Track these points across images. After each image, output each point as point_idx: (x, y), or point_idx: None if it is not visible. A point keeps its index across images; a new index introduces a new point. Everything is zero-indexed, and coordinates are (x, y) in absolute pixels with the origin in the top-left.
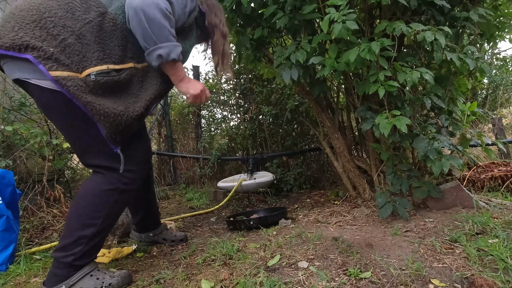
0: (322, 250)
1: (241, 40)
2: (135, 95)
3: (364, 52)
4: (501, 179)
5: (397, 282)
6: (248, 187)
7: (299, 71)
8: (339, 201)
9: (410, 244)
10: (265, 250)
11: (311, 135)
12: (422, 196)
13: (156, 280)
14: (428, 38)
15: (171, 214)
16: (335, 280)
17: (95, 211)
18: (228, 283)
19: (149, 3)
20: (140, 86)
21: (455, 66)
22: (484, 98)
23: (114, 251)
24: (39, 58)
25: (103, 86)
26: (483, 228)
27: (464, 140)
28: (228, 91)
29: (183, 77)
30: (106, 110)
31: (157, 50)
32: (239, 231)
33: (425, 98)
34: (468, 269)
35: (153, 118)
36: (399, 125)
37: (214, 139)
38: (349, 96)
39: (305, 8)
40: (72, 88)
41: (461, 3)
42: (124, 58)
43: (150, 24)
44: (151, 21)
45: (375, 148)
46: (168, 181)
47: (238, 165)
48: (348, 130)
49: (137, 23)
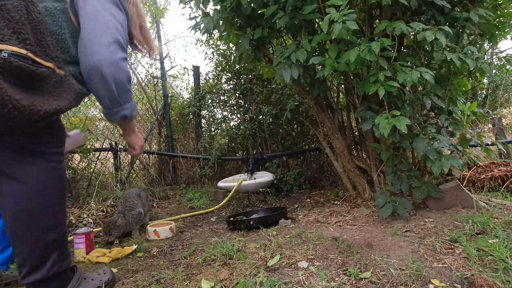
0: (322, 250)
1: (242, 41)
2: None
3: (364, 52)
4: (501, 179)
5: (397, 282)
6: (248, 187)
7: (299, 70)
8: (339, 201)
9: (410, 244)
10: (265, 250)
11: (311, 135)
12: (422, 196)
13: (156, 280)
14: (429, 37)
15: (171, 214)
16: (335, 280)
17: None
18: (228, 283)
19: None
20: (52, 91)
21: (455, 66)
22: (484, 98)
23: (114, 251)
24: None
25: (14, 70)
26: (483, 228)
27: (464, 140)
28: (228, 91)
29: (134, 128)
30: (6, 96)
31: (122, 111)
32: (239, 231)
33: (425, 98)
34: (468, 269)
35: (153, 118)
36: (399, 125)
37: (214, 139)
38: (349, 96)
39: (306, 8)
40: None
41: (461, 3)
42: (46, 56)
43: (117, 87)
44: (118, 84)
45: (375, 148)
46: (168, 181)
47: (238, 165)
48: (348, 130)
49: (103, 84)
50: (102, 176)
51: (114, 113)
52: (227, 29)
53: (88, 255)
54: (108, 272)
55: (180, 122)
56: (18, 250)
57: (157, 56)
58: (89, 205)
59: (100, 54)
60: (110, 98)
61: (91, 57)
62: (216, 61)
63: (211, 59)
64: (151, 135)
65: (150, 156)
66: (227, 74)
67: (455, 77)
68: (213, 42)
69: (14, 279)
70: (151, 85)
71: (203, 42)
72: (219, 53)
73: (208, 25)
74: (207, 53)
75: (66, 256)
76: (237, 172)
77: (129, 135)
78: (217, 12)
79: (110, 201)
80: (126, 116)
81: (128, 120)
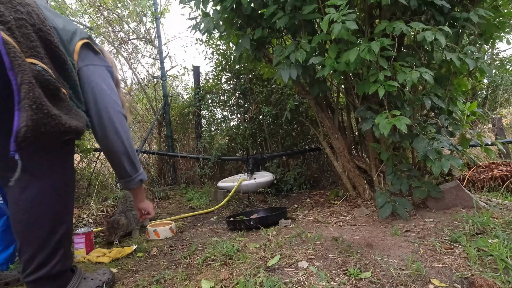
0: (322, 250)
1: (242, 41)
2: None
3: (364, 52)
4: (501, 179)
5: (397, 282)
6: (248, 187)
7: (298, 70)
8: (339, 201)
9: (410, 244)
10: (265, 250)
11: (311, 135)
12: (422, 196)
13: (156, 280)
14: (428, 38)
15: (171, 214)
16: (335, 280)
17: None
18: (228, 283)
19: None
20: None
21: (455, 66)
22: (484, 98)
23: (114, 251)
24: None
25: (44, 83)
26: (483, 228)
27: (464, 140)
28: (228, 91)
29: (144, 195)
30: (42, 101)
31: (139, 176)
32: (239, 231)
33: (425, 98)
34: (468, 269)
35: (153, 118)
36: (399, 125)
37: (214, 139)
38: (349, 96)
39: (305, 8)
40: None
41: (461, 3)
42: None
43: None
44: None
45: (375, 148)
46: (168, 181)
47: (238, 165)
48: (348, 130)
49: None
50: (102, 176)
51: (133, 179)
52: (227, 29)
53: (88, 255)
54: (108, 273)
55: (180, 122)
56: (28, 246)
57: (157, 56)
58: (89, 205)
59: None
60: (130, 167)
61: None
62: (216, 61)
63: (211, 59)
64: (151, 135)
65: (150, 156)
66: (227, 74)
67: (455, 77)
68: (213, 42)
69: (13, 278)
70: (151, 85)
71: (203, 42)
72: (219, 53)
73: (208, 25)
74: (207, 53)
75: (70, 256)
76: (237, 172)
77: (143, 200)
78: (217, 12)
79: (110, 201)
80: (142, 180)
81: (141, 185)
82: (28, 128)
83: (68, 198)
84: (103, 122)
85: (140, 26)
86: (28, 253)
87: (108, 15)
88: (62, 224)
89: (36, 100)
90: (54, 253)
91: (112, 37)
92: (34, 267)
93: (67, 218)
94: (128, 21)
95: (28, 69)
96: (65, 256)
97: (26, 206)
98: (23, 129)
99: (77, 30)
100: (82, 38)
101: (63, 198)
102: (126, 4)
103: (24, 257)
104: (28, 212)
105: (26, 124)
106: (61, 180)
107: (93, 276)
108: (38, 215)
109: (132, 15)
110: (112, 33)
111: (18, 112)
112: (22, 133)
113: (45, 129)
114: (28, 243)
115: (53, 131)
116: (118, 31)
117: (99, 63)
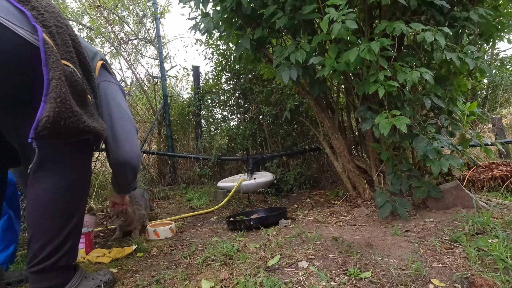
0: (322, 250)
1: (242, 41)
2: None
3: (364, 52)
4: (501, 179)
5: (397, 282)
6: (248, 187)
7: (298, 71)
8: (339, 201)
9: (410, 244)
10: (265, 250)
11: (311, 135)
12: (422, 196)
13: (156, 280)
14: (428, 38)
15: (171, 214)
16: (335, 280)
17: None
18: (228, 283)
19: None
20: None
21: (455, 66)
22: (484, 98)
23: (114, 251)
24: (37, 19)
25: (72, 84)
26: (483, 228)
27: (463, 140)
28: (228, 91)
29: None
30: (67, 97)
31: (134, 184)
32: (239, 231)
33: (425, 98)
34: (468, 269)
35: (153, 118)
36: (399, 125)
37: (214, 139)
38: (349, 96)
39: (305, 8)
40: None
41: (461, 3)
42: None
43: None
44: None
45: (375, 148)
46: (168, 181)
47: (238, 165)
48: (348, 130)
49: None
50: (102, 176)
51: (131, 187)
52: (227, 29)
53: (88, 255)
54: (108, 273)
55: (180, 122)
56: (40, 236)
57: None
58: (89, 205)
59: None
60: (132, 178)
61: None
62: (216, 61)
63: (211, 59)
64: (151, 135)
65: (150, 156)
66: (227, 74)
67: (455, 77)
68: (212, 42)
69: (15, 279)
70: (150, 85)
71: (202, 42)
72: (219, 53)
73: (208, 25)
74: (206, 53)
75: (75, 253)
76: (237, 172)
77: (124, 197)
78: (217, 12)
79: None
80: (136, 187)
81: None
82: (49, 119)
83: (83, 194)
84: (116, 134)
85: (140, 26)
86: (38, 243)
87: (108, 15)
88: (73, 217)
89: (62, 94)
90: (62, 246)
91: (112, 38)
92: (41, 257)
93: (79, 213)
94: (128, 22)
95: (60, 67)
96: (72, 250)
97: (44, 197)
98: (44, 119)
99: (98, 52)
100: (101, 59)
101: (78, 193)
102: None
103: (34, 247)
104: (46, 203)
105: (48, 114)
106: (79, 176)
107: (94, 276)
108: (54, 207)
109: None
110: (112, 34)
111: (43, 104)
112: (43, 122)
113: (65, 122)
114: (41, 233)
115: (72, 126)
116: (118, 31)
117: (114, 81)
